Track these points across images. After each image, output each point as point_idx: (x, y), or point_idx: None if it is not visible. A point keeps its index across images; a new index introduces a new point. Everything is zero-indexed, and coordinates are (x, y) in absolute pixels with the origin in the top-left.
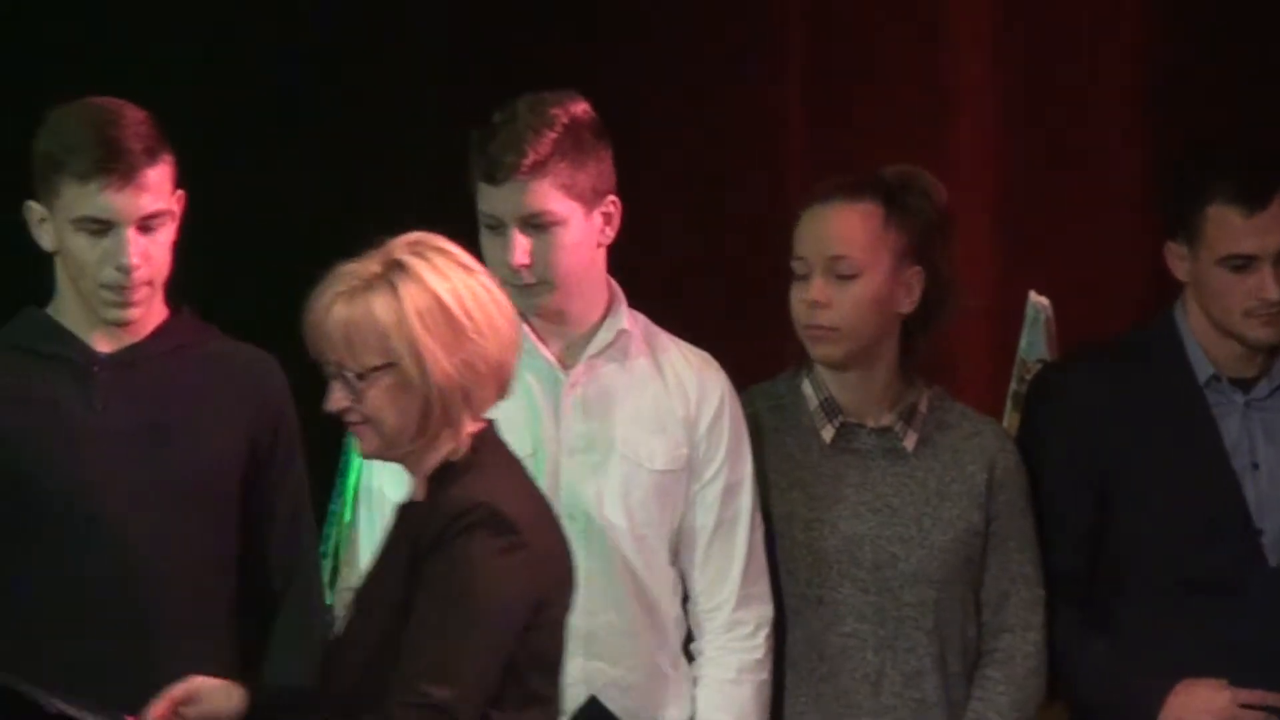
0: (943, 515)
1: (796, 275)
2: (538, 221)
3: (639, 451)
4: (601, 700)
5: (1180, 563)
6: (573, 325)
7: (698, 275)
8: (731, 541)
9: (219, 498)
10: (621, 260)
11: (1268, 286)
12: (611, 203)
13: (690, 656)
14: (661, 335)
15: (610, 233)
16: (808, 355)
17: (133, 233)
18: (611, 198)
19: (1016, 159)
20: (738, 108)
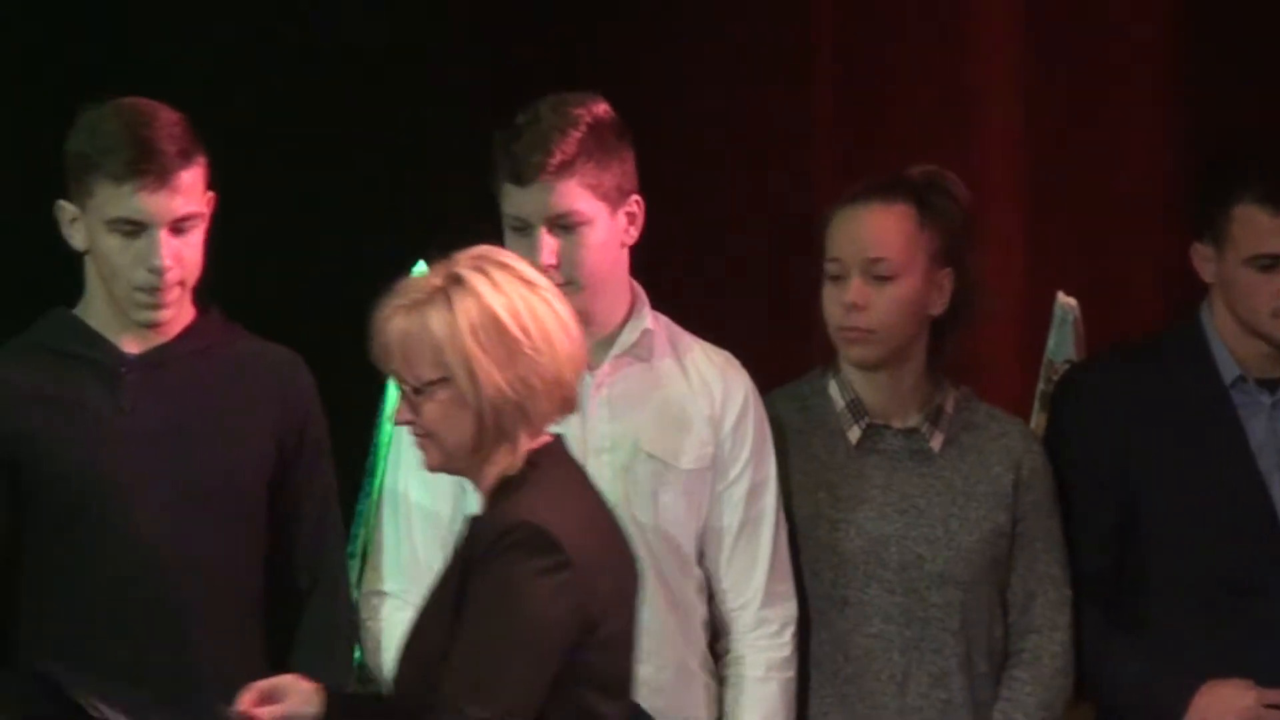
0: (969, 516)
1: (830, 277)
2: (565, 222)
3: (666, 451)
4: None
5: (1206, 563)
6: (598, 326)
7: (724, 277)
8: (756, 540)
9: (246, 498)
10: (650, 261)
11: None
12: (635, 202)
13: (716, 656)
14: (684, 335)
15: (634, 232)
16: (834, 356)
17: (165, 234)
18: (635, 197)
19: (1044, 161)
20: (766, 109)
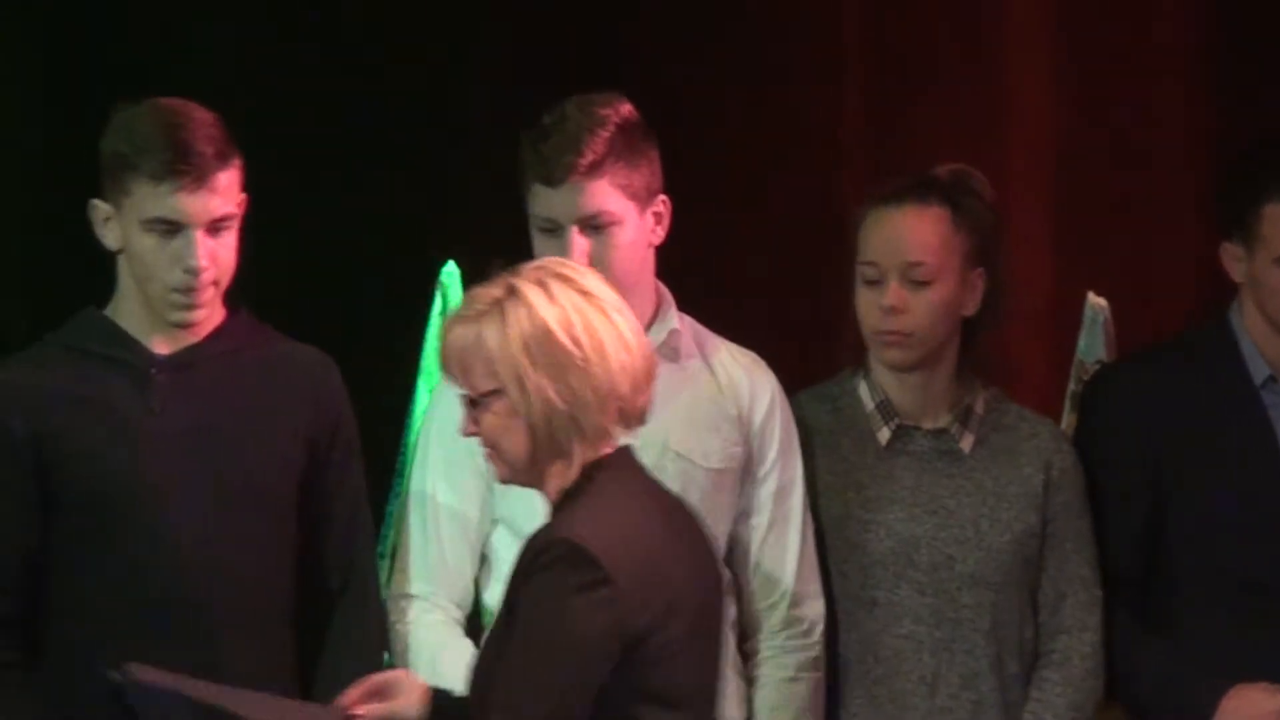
0: (1000, 517)
1: (866, 280)
2: (596, 222)
3: (694, 450)
4: None
5: (1236, 564)
6: None
7: (750, 277)
8: (785, 540)
9: (277, 499)
10: (676, 262)
11: None
12: (662, 202)
13: (745, 656)
14: (711, 336)
15: (661, 232)
16: (864, 357)
17: (201, 235)
18: (662, 197)
19: (1074, 160)
20: (796, 109)
